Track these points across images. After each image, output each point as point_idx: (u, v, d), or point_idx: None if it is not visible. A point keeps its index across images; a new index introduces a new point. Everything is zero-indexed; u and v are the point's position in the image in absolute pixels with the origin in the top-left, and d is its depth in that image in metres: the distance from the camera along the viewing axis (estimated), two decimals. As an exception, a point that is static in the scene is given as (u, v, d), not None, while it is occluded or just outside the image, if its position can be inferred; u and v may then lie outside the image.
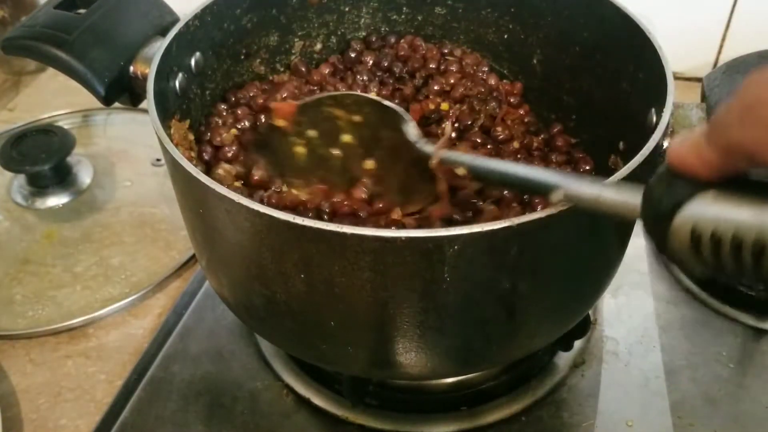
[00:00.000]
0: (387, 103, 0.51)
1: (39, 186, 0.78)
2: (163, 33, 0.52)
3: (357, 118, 0.51)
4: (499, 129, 0.60)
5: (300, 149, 0.53)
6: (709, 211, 0.29)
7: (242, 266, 0.45)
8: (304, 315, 0.44)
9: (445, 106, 0.61)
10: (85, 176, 0.81)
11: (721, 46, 0.91)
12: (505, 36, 0.64)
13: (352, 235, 0.36)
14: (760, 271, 0.28)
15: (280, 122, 0.53)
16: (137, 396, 0.58)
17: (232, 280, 0.49)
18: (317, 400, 0.57)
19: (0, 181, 0.80)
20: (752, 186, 0.29)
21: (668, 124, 0.43)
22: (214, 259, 0.49)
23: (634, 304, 0.65)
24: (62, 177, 0.79)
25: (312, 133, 0.53)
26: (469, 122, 0.60)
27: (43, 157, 0.76)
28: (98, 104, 0.91)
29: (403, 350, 0.44)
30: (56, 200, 0.78)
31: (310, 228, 0.37)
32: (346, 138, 0.52)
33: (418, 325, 0.42)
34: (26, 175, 0.78)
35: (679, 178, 0.31)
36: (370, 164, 0.51)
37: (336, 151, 0.52)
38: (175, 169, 0.43)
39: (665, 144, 0.44)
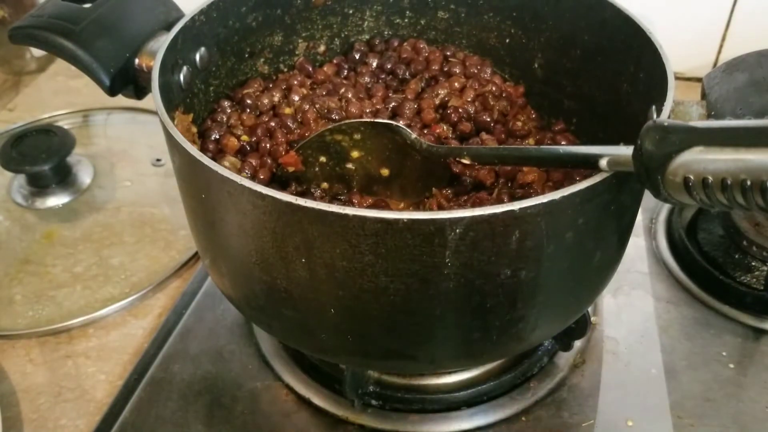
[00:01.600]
0: (378, 120, 0.54)
1: (39, 186, 0.78)
2: (169, 28, 0.53)
3: (357, 136, 0.53)
4: (519, 124, 0.60)
5: (317, 174, 0.55)
6: (698, 161, 0.32)
7: (243, 252, 0.45)
8: (304, 302, 0.44)
9: (455, 101, 0.61)
10: (85, 176, 0.81)
11: (721, 46, 0.91)
12: (507, 40, 0.65)
13: (354, 216, 0.36)
14: (749, 205, 0.32)
15: (291, 168, 0.55)
16: (137, 396, 0.58)
17: (232, 269, 0.49)
18: (317, 400, 0.58)
19: (0, 181, 0.80)
20: (734, 132, 0.32)
21: (669, 118, 0.43)
22: (215, 248, 0.49)
23: (634, 304, 0.65)
24: (62, 177, 0.79)
25: (323, 159, 0.55)
26: (486, 118, 0.60)
27: (43, 157, 0.76)
28: (98, 104, 0.92)
29: (402, 340, 0.44)
30: (56, 200, 0.78)
31: (312, 209, 0.37)
32: (355, 153, 0.54)
33: (418, 313, 0.42)
34: (26, 175, 0.78)
35: (668, 133, 0.34)
36: (386, 171, 0.54)
37: (350, 165, 0.54)
38: (179, 153, 0.43)
39: None
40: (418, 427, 0.56)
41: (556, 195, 0.37)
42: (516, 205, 0.36)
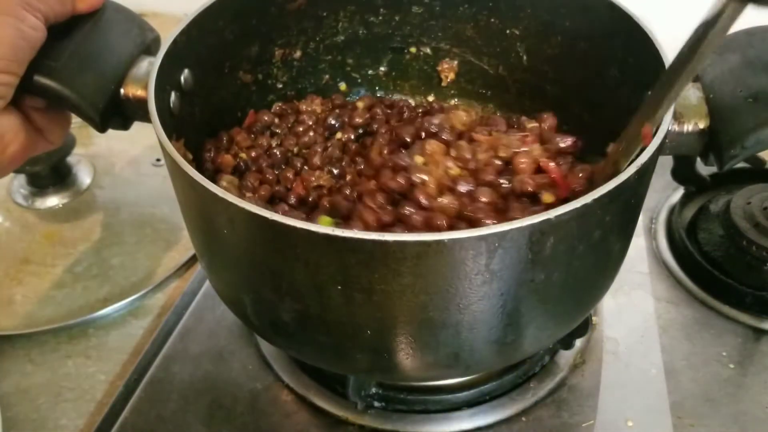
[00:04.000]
0: None
1: (39, 186, 0.78)
2: (147, 51, 0.51)
3: None
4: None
5: None
6: None
7: (269, 285, 0.44)
8: (339, 326, 0.44)
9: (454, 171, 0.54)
10: (85, 176, 0.81)
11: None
12: (485, 30, 0.64)
13: (395, 242, 0.36)
14: None
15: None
16: (137, 396, 0.58)
17: (256, 301, 0.48)
18: (317, 400, 0.58)
19: (0, 182, 0.80)
20: None
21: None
22: (241, 285, 0.48)
23: (634, 304, 0.65)
24: (62, 177, 0.79)
25: None
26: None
27: (43, 157, 0.76)
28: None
29: (439, 351, 0.44)
30: (56, 200, 0.78)
31: (351, 239, 0.36)
32: None
33: (454, 325, 0.42)
34: (26, 175, 0.78)
35: None
36: None
37: None
38: (190, 187, 0.41)
39: (666, 122, 0.44)
40: (419, 428, 0.56)
41: (563, 209, 0.37)
42: (552, 213, 0.37)
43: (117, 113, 0.51)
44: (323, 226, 0.37)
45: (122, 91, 0.50)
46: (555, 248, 0.39)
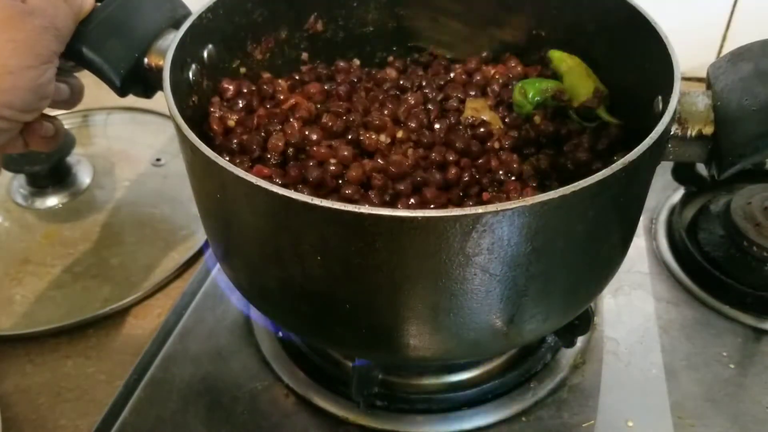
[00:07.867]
0: None
1: (39, 186, 0.78)
2: (176, 26, 0.53)
3: None
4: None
5: None
6: None
7: (259, 249, 0.45)
8: (319, 297, 0.45)
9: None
10: (85, 176, 0.81)
11: (721, 47, 0.91)
12: (508, 29, 0.64)
13: (369, 215, 0.37)
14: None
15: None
16: (137, 396, 0.58)
17: (247, 265, 0.49)
18: (317, 401, 0.57)
19: (0, 181, 0.80)
20: None
21: (676, 109, 0.43)
22: (229, 243, 0.49)
23: (635, 305, 0.65)
24: (62, 177, 0.79)
25: None
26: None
27: (43, 157, 0.76)
28: (98, 104, 0.92)
29: (415, 332, 0.45)
30: (56, 200, 0.78)
31: (328, 209, 0.37)
32: None
33: (432, 307, 0.42)
34: (26, 175, 0.78)
35: None
36: None
37: None
38: (193, 153, 0.43)
39: (673, 129, 0.44)
40: (419, 428, 0.56)
41: (566, 191, 0.37)
42: (528, 201, 0.37)
43: (139, 81, 0.53)
44: (302, 195, 0.38)
45: (145, 60, 0.52)
46: (531, 237, 0.39)
